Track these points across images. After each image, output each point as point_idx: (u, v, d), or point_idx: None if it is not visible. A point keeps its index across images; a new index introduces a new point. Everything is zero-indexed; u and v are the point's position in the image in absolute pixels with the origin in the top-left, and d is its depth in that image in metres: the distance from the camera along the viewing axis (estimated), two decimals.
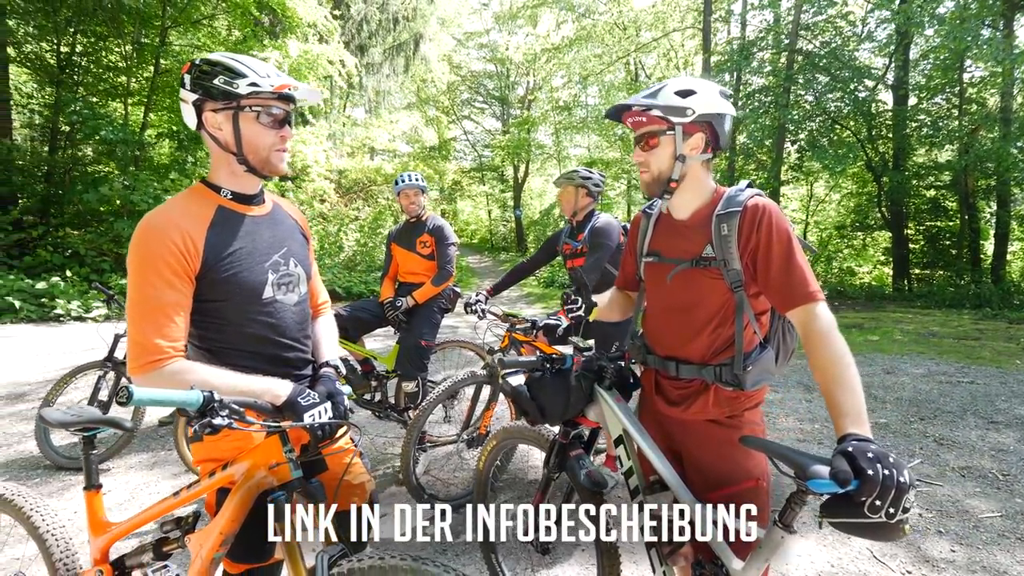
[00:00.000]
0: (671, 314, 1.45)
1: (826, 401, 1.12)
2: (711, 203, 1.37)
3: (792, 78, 11.75)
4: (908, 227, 13.54)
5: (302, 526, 1.32)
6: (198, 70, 1.24)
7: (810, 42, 12.76)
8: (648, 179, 1.38)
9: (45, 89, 11.31)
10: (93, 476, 1.33)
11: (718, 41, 15.98)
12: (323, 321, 1.57)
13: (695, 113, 1.29)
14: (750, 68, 12.92)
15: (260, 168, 1.30)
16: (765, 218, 1.26)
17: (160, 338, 1.11)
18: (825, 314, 1.18)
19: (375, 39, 17.82)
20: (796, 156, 13.61)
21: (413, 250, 3.35)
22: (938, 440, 3.61)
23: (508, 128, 25.11)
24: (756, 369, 1.35)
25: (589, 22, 18.72)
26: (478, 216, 32.49)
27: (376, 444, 3.66)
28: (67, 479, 3.11)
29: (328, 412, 1.20)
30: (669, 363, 1.45)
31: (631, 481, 1.50)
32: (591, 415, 1.63)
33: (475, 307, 3.16)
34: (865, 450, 0.93)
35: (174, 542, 1.23)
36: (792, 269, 1.23)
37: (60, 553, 1.34)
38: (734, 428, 1.41)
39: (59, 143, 11.07)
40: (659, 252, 1.46)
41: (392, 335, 3.45)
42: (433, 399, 2.67)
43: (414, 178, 3.35)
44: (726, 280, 1.32)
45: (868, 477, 0.90)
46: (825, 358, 1.13)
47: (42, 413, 1.19)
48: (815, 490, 0.97)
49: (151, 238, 1.14)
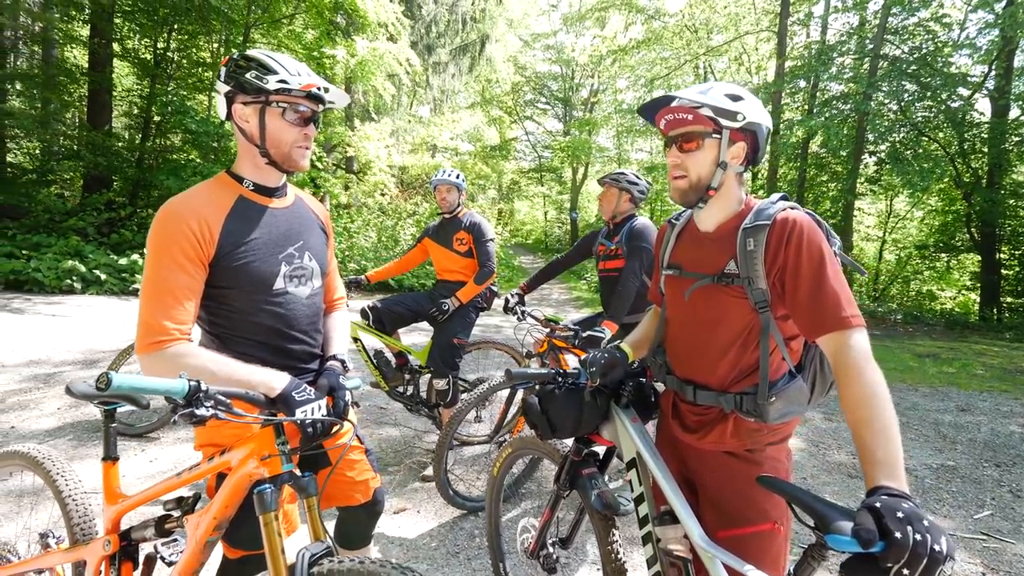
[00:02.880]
0: (689, 333, 1.34)
1: (856, 446, 0.99)
2: (739, 215, 1.26)
3: (875, 85, 10.93)
4: (1001, 251, 12.30)
5: (282, 520, 1.33)
6: (235, 64, 1.28)
7: (898, 47, 11.84)
8: (684, 185, 1.27)
9: (142, 82, 12.27)
10: (111, 448, 1.39)
11: (795, 45, 15.15)
12: (336, 316, 1.58)
13: (745, 119, 1.19)
14: (829, 74, 12.15)
15: (281, 162, 1.32)
16: (795, 233, 1.14)
17: (167, 320, 1.14)
18: (859, 343, 1.05)
19: (443, 39, 18.14)
20: (874, 169, 12.69)
21: (449, 247, 3.34)
22: (1015, 491, 3.23)
23: (569, 129, 24.94)
24: (782, 401, 1.23)
25: (659, 24, 18.26)
26: (534, 216, 32.52)
27: (406, 436, 3.69)
28: (122, 444, 3.32)
29: (322, 409, 1.20)
30: (687, 387, 1.35)
31: (640, 509, 1.41)
32: (606, 434, 1.55)
33: (515, 309, 3.13)
34: (895, 508, 0.81)
35: (175, 520, 1.26)
36: (823, 290, 1.10)
37: (79, 518, 1.42)
38: (753, 464, 1.29)
39: (151, 132, 11.99)
40: (680, 266, 1.36)
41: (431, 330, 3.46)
42: (471, 400, 2.64)
43: (450, 174, 3.35)
44: (750, 299, 1.21)
45: (895, 540, 0.77)
46: (856, 395, 1.01)
47: (68, 384, 1.25)
48: (834, 547, 0.86)
49: (169, 223, 1.18)
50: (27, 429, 3.47)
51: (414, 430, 3.81)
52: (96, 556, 1.32)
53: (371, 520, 1.59)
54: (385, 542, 2.44)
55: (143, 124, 12.09)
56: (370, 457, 1.59)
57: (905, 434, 4.14)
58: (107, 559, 1.31)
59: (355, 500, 1.52)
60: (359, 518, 1.56)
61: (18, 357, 4.95)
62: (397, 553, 2.36)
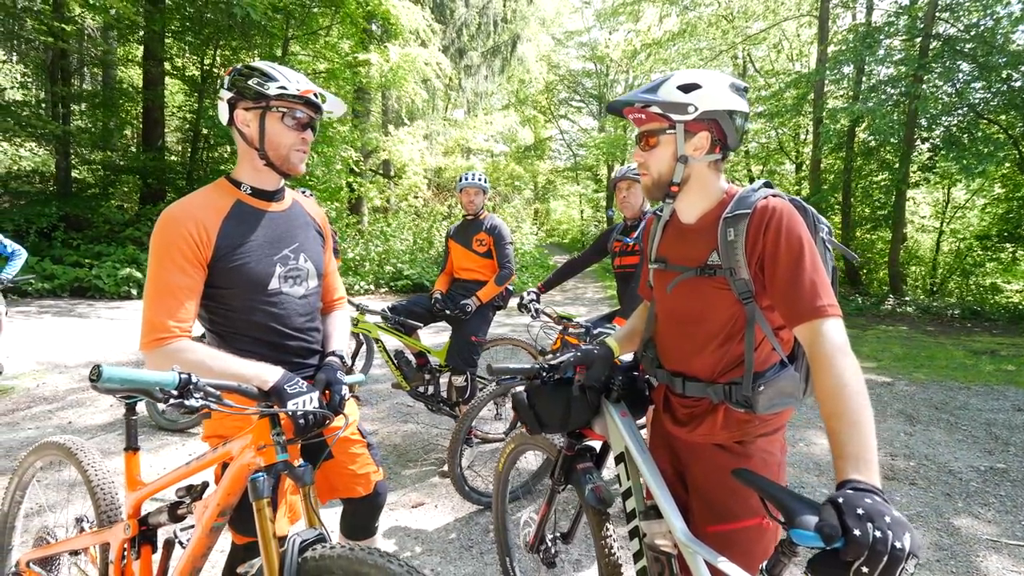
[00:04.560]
0: (676, 326, 1.34)
1: (828, 438, 0.97)
2: (720, 205, 1.24)
3: (926, 66, 10.32)
4: None
5: (287, 509, 1.40)
6: (237, 73, 1.36)
7: (952, 24, 11.13)
8: (648, 182, 1.28)
9: (191, 98, 12.96)
10: (132, 439, 1.50)
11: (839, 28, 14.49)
12: (336, 315, 1.64)
13: (698, 110, 1.17)
14: (876, 58, 11.53)
15: (279, 165, 1.40)
16: (774, 220, 1.12)
17: (169, 318, 1.23)
18: (833, 333, 1.03)
19: (475, 42, 18.33)
20: (928, 156, 11.96)
21: (469, 247, 3.41)
22: None
23: (604, 126, 24.69)
24: (771, 390, 1.21)
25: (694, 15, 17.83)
26: (570, 216, 32.34)
27: (430, 433, 3.77)
28: (165, 438, 3.54)
29: (314, 402, 1.26)
30: (676, 379, 1.34)
31: (628, 503, 1.41)
32: (598, 428, 1.56)
33: (529, 306, 3.15)
34: (856, 504, 0.79)
35: (186, 507, 1.35)
36: (799, 279, 1.08)
37: (106, 505, 1.54)
38: (743, 456, 1.27)
39: (200, 145, 12.66)
40: (666, 259, 1.35)
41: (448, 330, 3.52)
42: (484, 396, 2.70)
43: (476, 177, 3.43)
44: (734, 290, 1.19)
45: (853, 538, 0.75)
46: (827, 387, 0.99)
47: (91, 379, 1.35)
48: (796, 541, 0.85)
49: (169, 227, 1.27)
50: (82, 424, 3.75)
51: (437, 427, 3.89)
52: (118, 539, 1.42)
53: (373, 512, 1.65)
54: (401, 535, 2.51)
55: (192, 138, 12.78)
56: (372, 451, 1.64)
57: (952, 435, 3.91)
58: (128, 542, 1.42)
59: (357, 492, 1.59)
60: (361, 510, 1.62)
61: (78, 358, 5.33)
62: (412, 546, 2.43)
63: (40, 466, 1.79)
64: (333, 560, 1.14)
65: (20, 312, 7.38)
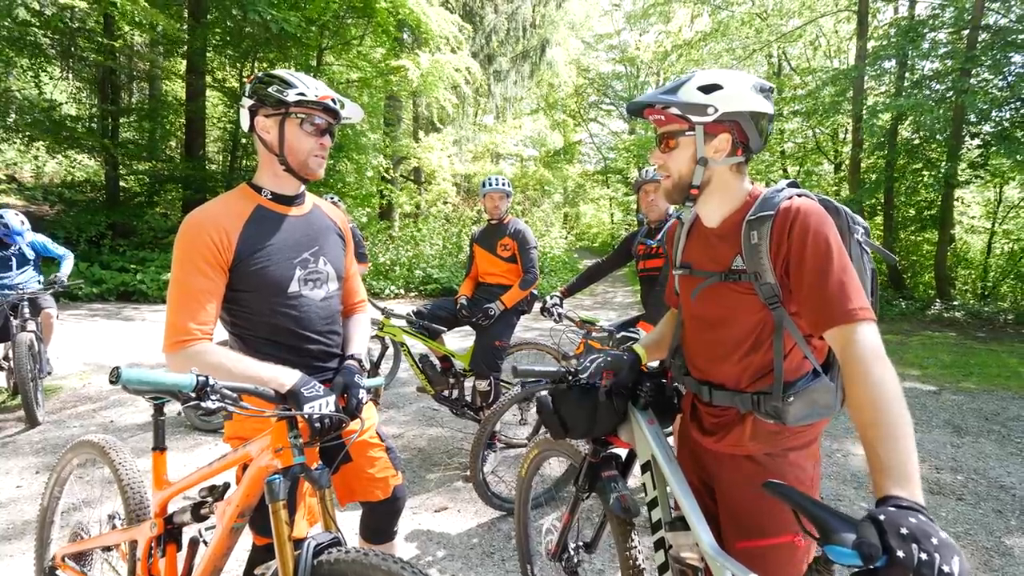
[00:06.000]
0: (702, 332, 1.29)
1: (864, 451, 0.91)
2: (743, 208, 1.19)
3: (975, 59, 9.82)
4: None
5: (306, 512, 1.41)
6: (258, 80, 1.38)
7: (1005, 15, 10.57)
8: (667, 185, 1.24)
9: (230, 109, 13.43)
10: (160, 439, 1.53)
11: (879, 22, 13.95)
12: (356, 319, 1.65)
13: (718, 111, 1.12)
14: (920, 52, 11.03)
15: (298, 170, 1.41)
16: (799, 221, 1.07)
17: (191, 321, 1.25)
18: (866, 338, 0.97)
19: (504, 47, 18.42)
20: (978, 152, 11.36)
21: (493, 252, 3.41)
22: None
23: (634, 128, 24.41)
24: (802, 401, 1.15)
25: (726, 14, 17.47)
26: (600, 219, 32.06)
27: (455, 437, 3.76)
28: (199, 438, 3.64)
29: (331, 406, 1.25)
30: (703, 387, 1.29)
31: (654, 513, 1.36)
32: (623, 435, 1.51)
33: (551, 310, 3.12)
34: (899, 522, 0.73)
35: (209, 507, 1.37)
36: (827, 281, 1.02)
37: (135, 503, 1.58)
38: (773, 470, 1.21)
39: (238, 154, 13.10)
40: (690, 265, 1.30)
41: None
42: (507, 400, 2.68)
43: (500, 182, 3.43)
44: (760, 295, 1.14)
45: (897, 559, 0.70)
46: (862, 395, 0.92)
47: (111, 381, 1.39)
48: (832, 558, 0.80)
49: (191, 232, 1.29)
50: (123, 423, 3.90)
51: (462, 432, 3.88)
52: (145, 537, 1.46)
53: (392, 516, 1.64)
54: (424, 539, 2.50)
55: (231, 147, 13.23)
56: (392, 455, 1.64)
57: (1004, 447, 3.68)
58: (154, 540, 1.45)
59: (375, 496, 1.58)
60: (380, 513, 1.62)
61: (122, 359, 5.56)
62: (434, 550, 2.42)
63: (77, 463, 1.85)
64: (347, 564, 1.13)
65: (72, 315, 7.75)
